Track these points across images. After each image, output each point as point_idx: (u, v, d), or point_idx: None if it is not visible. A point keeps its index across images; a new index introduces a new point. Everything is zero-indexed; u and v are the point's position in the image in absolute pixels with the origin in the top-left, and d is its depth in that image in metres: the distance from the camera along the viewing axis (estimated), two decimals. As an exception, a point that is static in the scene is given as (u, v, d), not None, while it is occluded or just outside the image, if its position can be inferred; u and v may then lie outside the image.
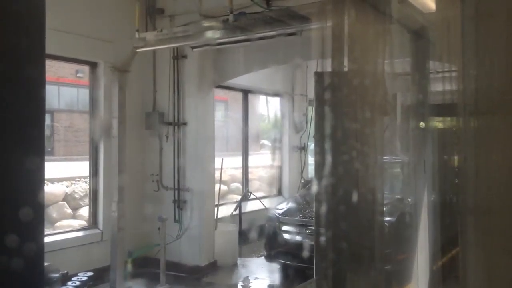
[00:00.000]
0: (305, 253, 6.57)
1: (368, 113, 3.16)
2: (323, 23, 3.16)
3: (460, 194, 2.42)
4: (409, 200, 5.89)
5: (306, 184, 9.01)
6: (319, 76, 3.19)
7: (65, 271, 5.11)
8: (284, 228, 7.16)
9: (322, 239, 2.80)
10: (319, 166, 3.02)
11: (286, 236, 7.11)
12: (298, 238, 7.01)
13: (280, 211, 7.48)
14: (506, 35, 2.01)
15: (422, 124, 4.61)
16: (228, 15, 5.35)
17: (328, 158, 2.89)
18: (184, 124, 7.61)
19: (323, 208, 2.77)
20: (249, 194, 10.07)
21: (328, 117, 2.97)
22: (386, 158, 4.62)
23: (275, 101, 11.29)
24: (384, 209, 4.16)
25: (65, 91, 11.41)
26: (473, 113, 2.26)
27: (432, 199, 4.52)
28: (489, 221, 2.02)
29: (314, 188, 3.09)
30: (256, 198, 10.03)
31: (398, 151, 5.73)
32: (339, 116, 2.99)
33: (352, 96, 3.10)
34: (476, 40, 2.26)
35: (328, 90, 3.03)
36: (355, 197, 2.81)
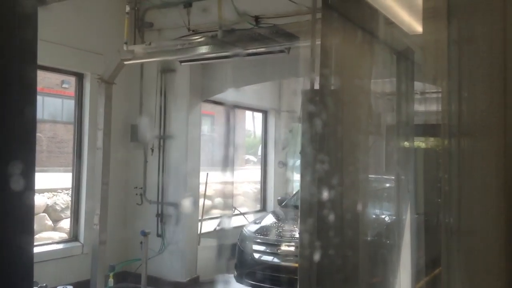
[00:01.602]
0: (276, 275, 6.42)
1: (354, 131, 3.19)
2: (311, 41, 3.20)
3: (443, 214, 2.44)
4: (392, 218, 5.91)
5: (282, 201, 8.73)
6: (306, 93, 3.22)
7: (44, 284, 5.01)
8: (255, 247, 6.87)
9: (306, 256, 2.80)
10: (304, 182, 3.03)
11: (257, 256, 6.81)
12: (270, 258, 6.73)
13: (252, 229, 7.17)
14: (489, 60, 2.06)
15: (406, 143, 4.66)
16: (217, 30, 5.38)
17: (314, 175, 2.90)
18: (170, 137, 7.58)
19: (308, 225, 2.77)
20: (234, 209, 10.02)
21: (315, 134, 2.99)
22: (371, 176, 4.65)
23: (262, 117, 11.33)
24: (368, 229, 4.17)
25: (49, 101, 11.30)
26: (457, 134, 2.30)
27: (415, 218, 4.55)
28: (472, 241, 2.04)
29: (300, 204, 3.09)
30: (241, 214, 9.99)
31: (383, 170, 5.77)
32: (326, 133, 3.01)
33: (338, 114, 3.13)
34: (460, 63, 2.31)
35: (315, 107, 3.06)
36: (339, 214, 2.82)
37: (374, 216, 6.35)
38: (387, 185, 6.57)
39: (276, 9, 6.10)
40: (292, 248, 6.54)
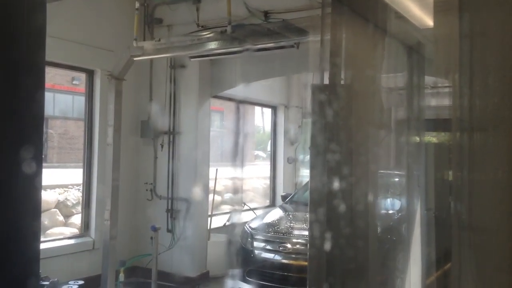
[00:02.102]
0: (278, 272, 6.35)
1: (364, 126, 3.18)
2: (320, 36, 3.18)
3: (453, 210, 2.43)
4: (401, 213, 5.88)
5: (286, 197, 8.64)
6: (316, 88, 3.21)
7: (56, 279, 5.05)
8: (256, 244, 6.76)
9: (316, 251, 2.79)
10: (314, 178, 3.02)
11: (258, 253, 6.70)
12: (271, 255, 6.61)
13: (254, 226, 7.06)
14: (501, 54, 2.04)
15: (417, 138, 4.63)
16: (226, 26, 5.38)
17: (324, 170, 2.90)
18: (180, 133, 7.61)
19: (318, 221, 2.77)
20: (243, 204, 10.04)
21: (325, 129, 2.98)
22: (381, 171, 4.63)
23: (271, 113, 11.32)
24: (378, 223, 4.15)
25: (60, 98, 11.39)
26: (468, 128, 2.27)
27: (425, 213, 4.52)
28: (483, 237, 2.02)
29: (309, 198, 3.08)
30: (250, 209, 10.00)
31: (393, 165, 5.74)
32: (335, 128, 3.00)
33: (348, 109, 3.12)
34: (471, 57, 2.28)
35: (324, 102, 3.05)
36: (350, 209, 2.81)
37: (384, 211, 6.31)
38: (397, 179, 6.53)
39: (285, 4, 6.08)
40: (294, 246, 6.46)
